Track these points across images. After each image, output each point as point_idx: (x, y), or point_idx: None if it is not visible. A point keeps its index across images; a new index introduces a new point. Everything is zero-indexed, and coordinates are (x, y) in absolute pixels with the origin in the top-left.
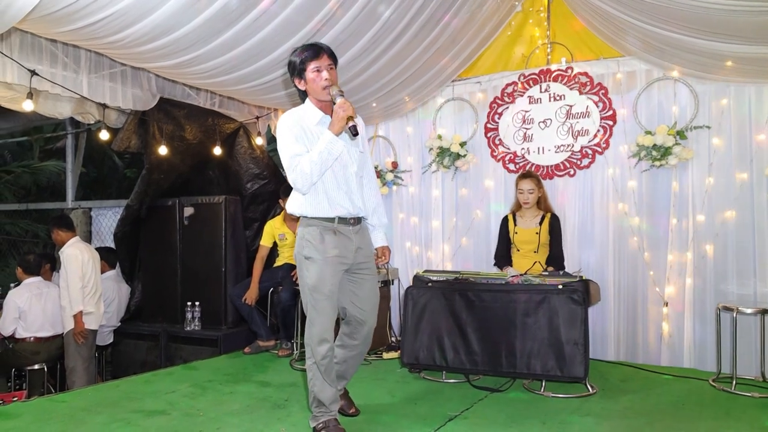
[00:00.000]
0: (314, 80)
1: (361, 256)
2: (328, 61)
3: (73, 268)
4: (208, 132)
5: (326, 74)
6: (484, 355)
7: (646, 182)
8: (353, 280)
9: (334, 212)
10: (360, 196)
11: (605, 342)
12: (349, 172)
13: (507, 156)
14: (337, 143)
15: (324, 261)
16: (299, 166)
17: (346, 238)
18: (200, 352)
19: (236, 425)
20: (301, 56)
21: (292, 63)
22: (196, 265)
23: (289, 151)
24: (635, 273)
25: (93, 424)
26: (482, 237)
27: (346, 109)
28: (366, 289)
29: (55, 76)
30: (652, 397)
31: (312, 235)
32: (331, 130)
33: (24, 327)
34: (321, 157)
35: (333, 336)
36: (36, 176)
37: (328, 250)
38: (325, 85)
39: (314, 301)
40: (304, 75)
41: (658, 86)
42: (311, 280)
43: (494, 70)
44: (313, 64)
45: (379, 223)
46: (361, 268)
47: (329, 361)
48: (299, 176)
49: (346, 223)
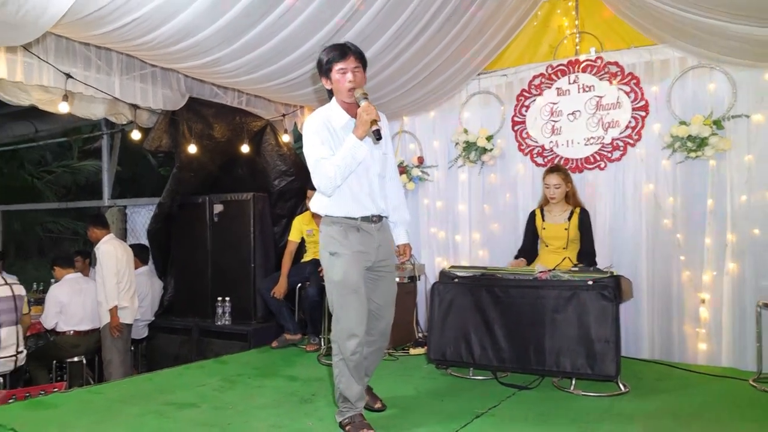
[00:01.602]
0: (339, 81)
1: (382, 253)
2: (355, 63)
3: (108, 264)
4: (236, 130)
5: (351, 76)
6: (512, 352)
7: (681, 174)
8: (372, 277)
9: (357, 212)
10: (382, 197)
11: (639, 340)
12: (372, 174)
13: (535, 149)
14: (361, 148)
15: (350, 255)
16: (324, 170)
17: (369, 235)
18: (230, 346)
19: (264, 419)
20: (327, 56)
21: (319, 62)
22: (226, 261)
23: (315, 155)
24: (670, 269)
25: (127, 415)
26: (510, 231)
27: (370, 113)
28: (384, 285)
29: (89, 79)
30: (688, 397)
31: (336, 232)
32: (355, 134)
33: (64, 321)
34: (345, 162)
35: (363, 331)
36: (75, 175)
37: (353, 245)
38: (350, 87)
39: (341, 297)
40: (330, 75)
41: (693, 74)
42: (338, 276)
43: (521, 62)
44: (339, 65)
45: (401, 220)
46: (381, 266)
47: (359, 357)
48: (323, 180)
49: (368, 221)
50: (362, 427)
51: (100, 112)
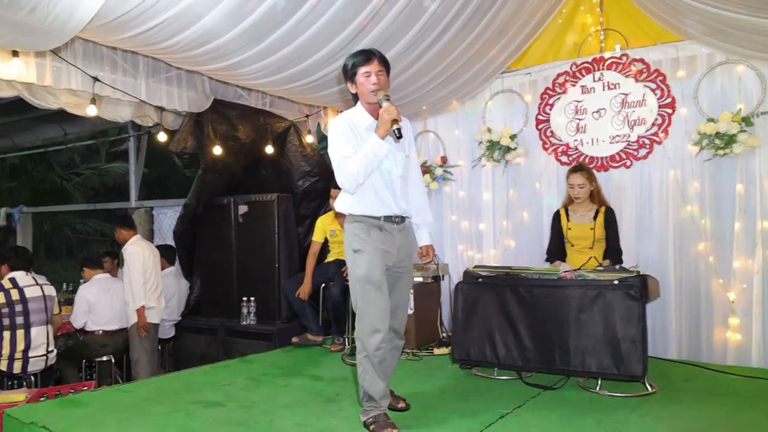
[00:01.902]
0: (363, 84)
1: (403, 254)
2: (379, 66)
3: (135, 264)
4: (260, 131)
5: (374, 79)
6: (537, 352)
7: (709, 172)
8: (391, 277)
9: (379, 211)
10: (404, 198)
11: (666, 339)
12: (394, 175)
13: (559, 148)
14: (382, 146)
15: (373, 252)
16: (347, 168)
17: (391, 235)
18: (256, 345)
19: (289, 418)
20: (352, 61)
21: (345, 66)
22: (251, 262)
23: (338, 153)
24: (698, 267)
25: (155, 414)
26: (534, 232)
27: (391, 112)
28: (402, 285)
29: (116, 82)
30: (717, 397)
31: (360, 229)
32: (377, 134)
33: (93, 320)
34: (366, 160)
35: (386, 327)
36: (103, 177)
37: (376, 243)
38: (373, 89)
39: (364, 292)
40: (355, 79)
41: (721, 71)
42: (362, 271)
43: (545, 61)
44: (364, 69)
45: (423, 222)
46: (401, 266)
47: (383, 353)
48: (346, 177)
49: (390, 221)
50: (386, 426)
51: (127, 114)
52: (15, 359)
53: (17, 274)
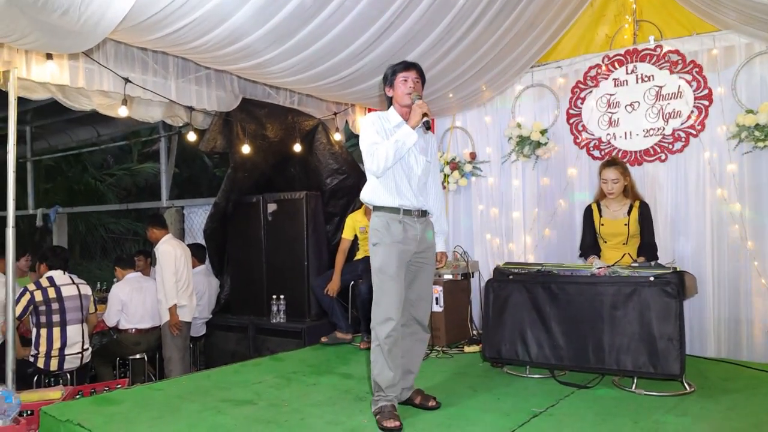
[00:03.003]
0: (400, 87)
1: (423, 245)
2: (416, 75)
3: (167, 263)
4: (288, 130)
5: (411, 84)
6: (570, 350)
7: (748, 165)
8: (411, 270)
9: (398, 202)
10: (423, 197)
11: (704, 337)
12: (414, 174)
13: (591, 142)
14: (412, 135)
15: (390, 244)
16: (376, 152)
17: (411, 227)
18: (286, 343)
19: (319, 416)
20: (394, 68)
21: (386, 73)
22: (280, 260)
23: (369, 140)
24: (737, 263)
25: (187, 412)
26: (566, 228)
27: (423, 107)
28: (424, 275)
29: (146, 83)
30: (759, 397)
31: (379, 224)
32: (408, 124)
33: (126, 319)
34: (396, 145)
35: (399, 316)
36: (135, 178)
37: (394, 236)
38: (408, 92)
39: (380, 282)
40: (393, 83)
41: (761, 60)
42: (377, 263)
43: (576, 54)
44: (402, 75)
45: (439, 230)
46: (422, 257)
47: (393, 341)
48: (375, 160)
49: (410, 215)
50: (389, 417)
51: (158, 114)
52: (51, 357)
53: (54, 273)
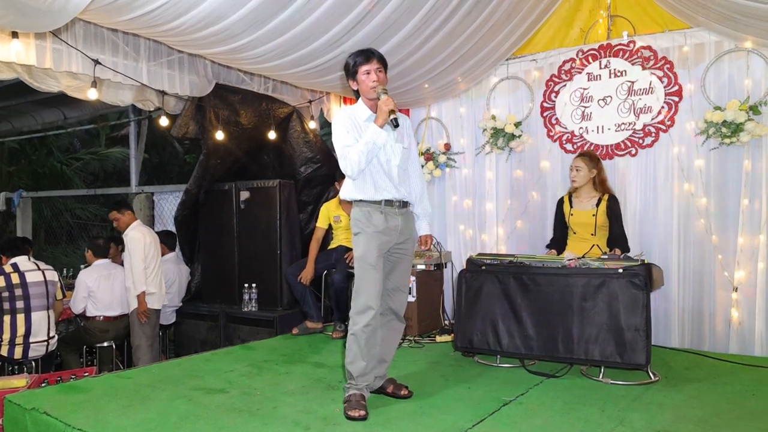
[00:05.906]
0: (364, 82)
1: (404, 236)
2: (377, 65)
3: (136, 250)
4: (262, 117)
5: (374, 76)
6: (540, 340)
7: (715, 161)
8: (390, 260)
9: (379, 196)
10: (404, 186)
11: (669, 328)
12: (392, 165)
13: (564, 136)
14: (380, 134)
15: (370, 234)
16: (349, 155)
17: (392, 217)
18: (257, 332)
19: (292, 404)
20: (354, 60)
21: (346, 65)
22: (253, 248)
23: (341, 142)
24: (702, 257)
25: (157, 400)
26: (538, 220)
27: (388, 103)
28: (402, 266)
29: (117, 65)
30: (720, 386)
31: (361, 214)
32: (375, 123)
33: (94, 306)
34: (367, 147)
35: (378, 305)
36: (103, 162)
37: (375, 226)
38: (373, 86)
39: (361, 271)
40: (356, 77)
41: (729, 58)
42: (358, 252)
43: (551, 47)
44: (364, 68)
45: (423, 213)
46: (401, 248)
47: (372, 330)
48: (349, 164)
49: (391, 205)
50: (356, 407)
51: (128, 98)
52: (16, 344)
53: (18, 259)
